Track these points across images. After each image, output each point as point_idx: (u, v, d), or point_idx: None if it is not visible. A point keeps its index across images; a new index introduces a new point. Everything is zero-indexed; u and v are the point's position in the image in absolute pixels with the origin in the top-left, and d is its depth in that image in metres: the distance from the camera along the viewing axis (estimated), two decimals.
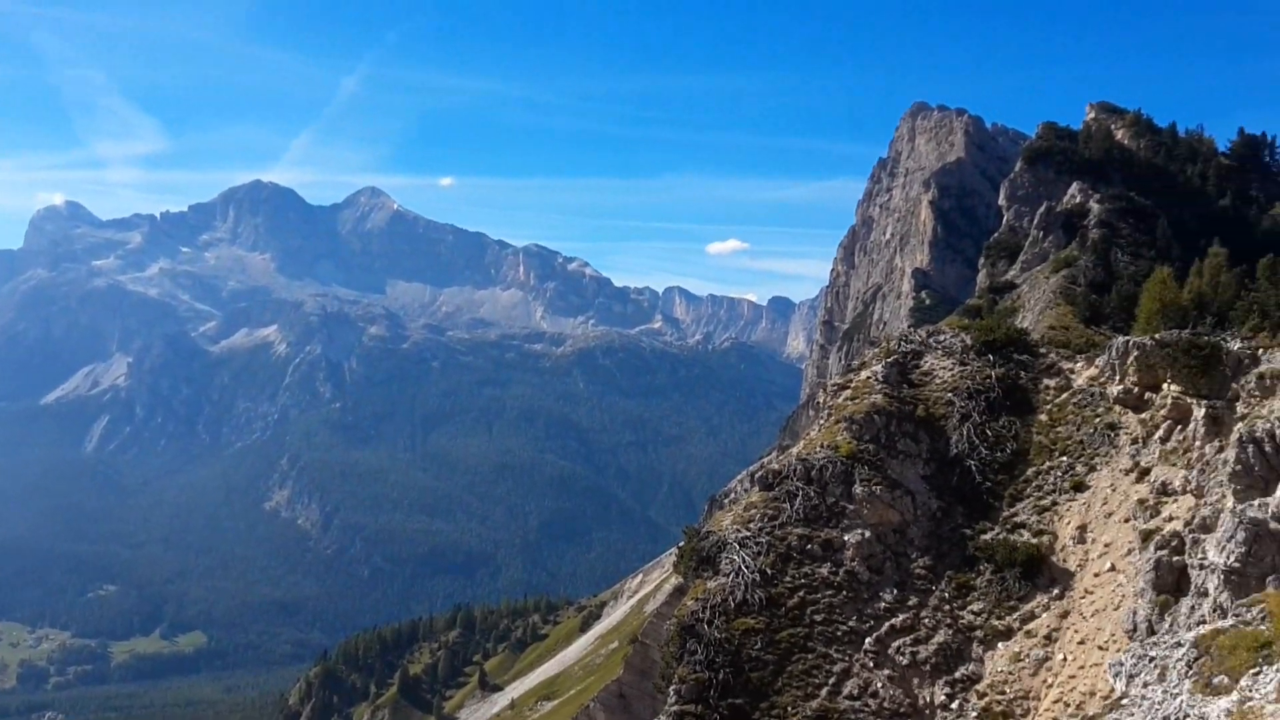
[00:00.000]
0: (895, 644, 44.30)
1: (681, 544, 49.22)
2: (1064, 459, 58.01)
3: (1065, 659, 45.75)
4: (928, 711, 42.30)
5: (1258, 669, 9.65)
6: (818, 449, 54.26)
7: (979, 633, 47.34)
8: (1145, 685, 11.31)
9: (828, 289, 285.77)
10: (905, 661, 43.20)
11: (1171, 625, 38.76)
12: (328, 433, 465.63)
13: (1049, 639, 46.82)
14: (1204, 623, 11.92)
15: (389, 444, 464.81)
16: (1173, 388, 57.06)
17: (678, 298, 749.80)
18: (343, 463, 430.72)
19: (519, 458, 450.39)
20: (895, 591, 42.53)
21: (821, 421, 60.79)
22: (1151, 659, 11.94)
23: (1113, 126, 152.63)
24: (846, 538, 45.35)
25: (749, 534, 38.55)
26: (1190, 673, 10.67)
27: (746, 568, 35.09)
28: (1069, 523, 53.76)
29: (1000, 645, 46.72)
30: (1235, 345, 54.61)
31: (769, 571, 35.57)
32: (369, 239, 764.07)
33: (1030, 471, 56.76)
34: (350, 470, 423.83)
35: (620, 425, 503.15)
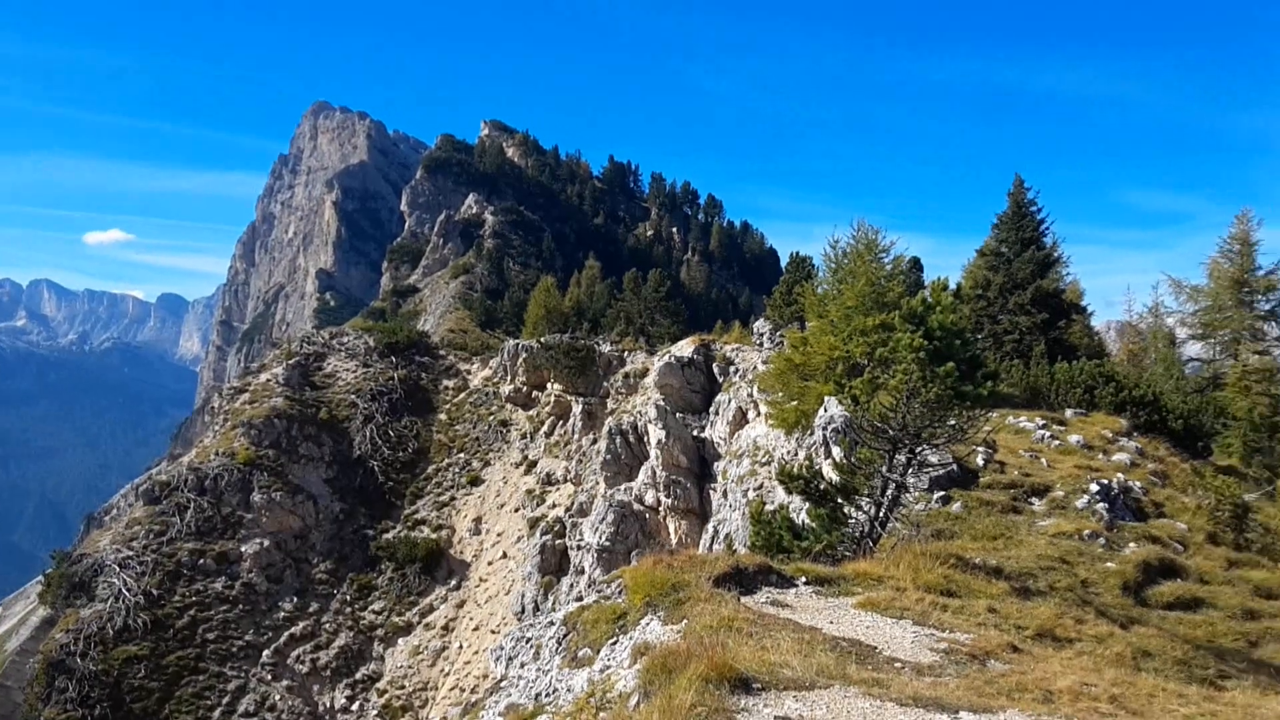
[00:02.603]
0: (295, 653, 42.84)
1: (50, 570, 43.53)
2: (462, 455, 60.66)
3: (461, 647, 48.09)
4: (328, 717, 41.81)
5: (615, 639, 10.59)
6: (212, 457, 50.78)
7: (380, 631, 47.66)
8: (522, 665, 11.96)
9: (226, 287, 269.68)
10: (305, 670, 41.96)
11: (554, 604, 42.44)
12: None
13: (447, 629, 48.85)
14: (581, 599, 12.91)
15: None
16: (555, 386, 62.87)
17: (47, 291, 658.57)
18: None
19: None
20: (296, 599, 41.13)
21: (218, 427, 57.16)
22: (528, 640, 12.67)
23: (505, 144, 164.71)
24: (244, 549, 42.94)
25: (132, 553, 34.87)
26: (560, 649, 11.46)
27: (128, 590, 31.64)
28: (466, 516, 56.44)
29: (401, 641, 47.76)
30: (606, 348, 61.66)
31: (155, 592, 32.40)
32: None
33: (431, 469, 58.17)
34: None
35: None
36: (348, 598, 50.46)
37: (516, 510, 56.13)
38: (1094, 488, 19.21)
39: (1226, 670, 13.09)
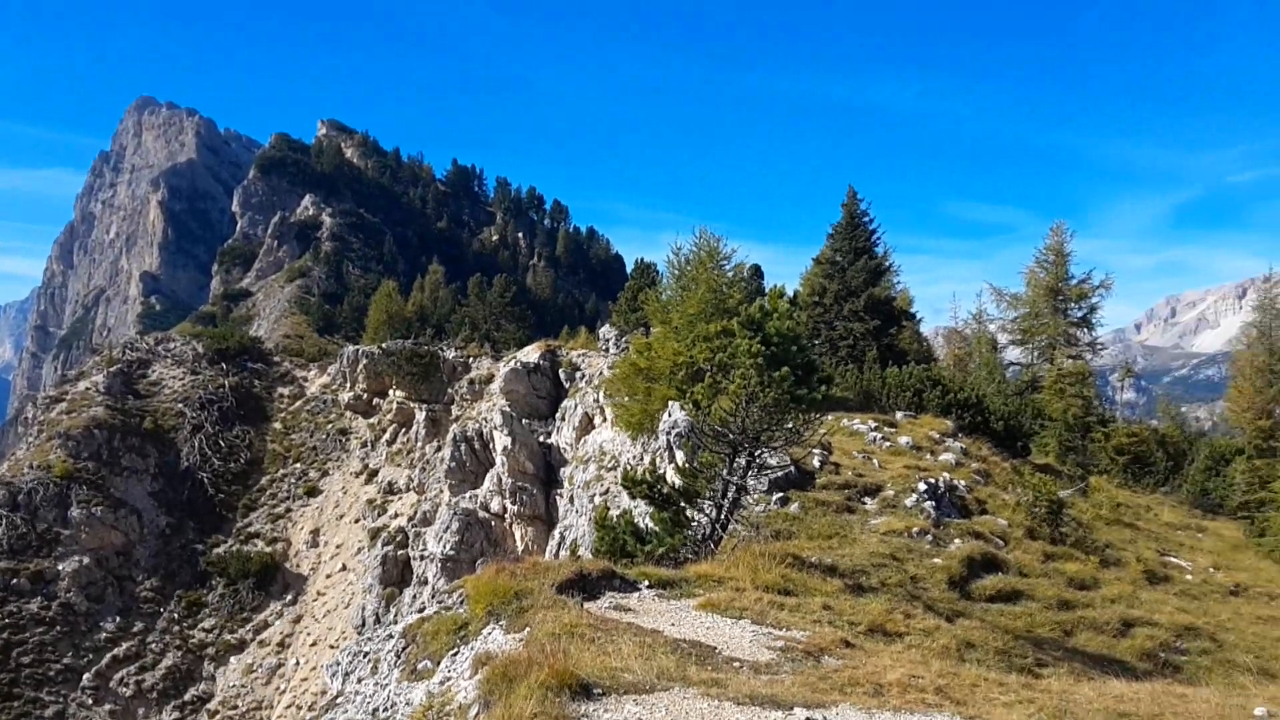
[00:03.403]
0: (118, 675, 40.68)
1: None
2: (298, 465, 58.72)
3: (298, 663, 46.47)
4: None
5: (455, 650, 10.42)
6: (26, 470, 47.74)
7: (211, 650, 45.63)
8: (360, 680, 11.61)
9: (41, 290, 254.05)
10: (130, 692, 39.89)
11: (396, 616, 41.51)
12: None
13: (283, 646, 47.13)
14: (423, 610, 12.62)
15: None
16: (398, 393, 61.59)
17: None
18: None
19: None
20: (119, 619, 39.08)
21: (32, 439, 53.67)
22: (366, 653, 12.31)
23: (343, 144, 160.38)
24: (61, 567, 40.54)
25: None
26: (399, 662, 11.19)
27: None
28: (303, 528, 54.63)
29: (233, 660, 45.80)
30: (451, 354, 60.79)
31: None
32: None
33: (265, 480, 56.21)
34: None
35: None
36: (175, 616, 48.06)
37: (357, 521, 54.71)
38: (922, 487, 20.04)
39: (1044, 658, 13.83)
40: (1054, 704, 9.18)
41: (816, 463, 21.24)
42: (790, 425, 15.18)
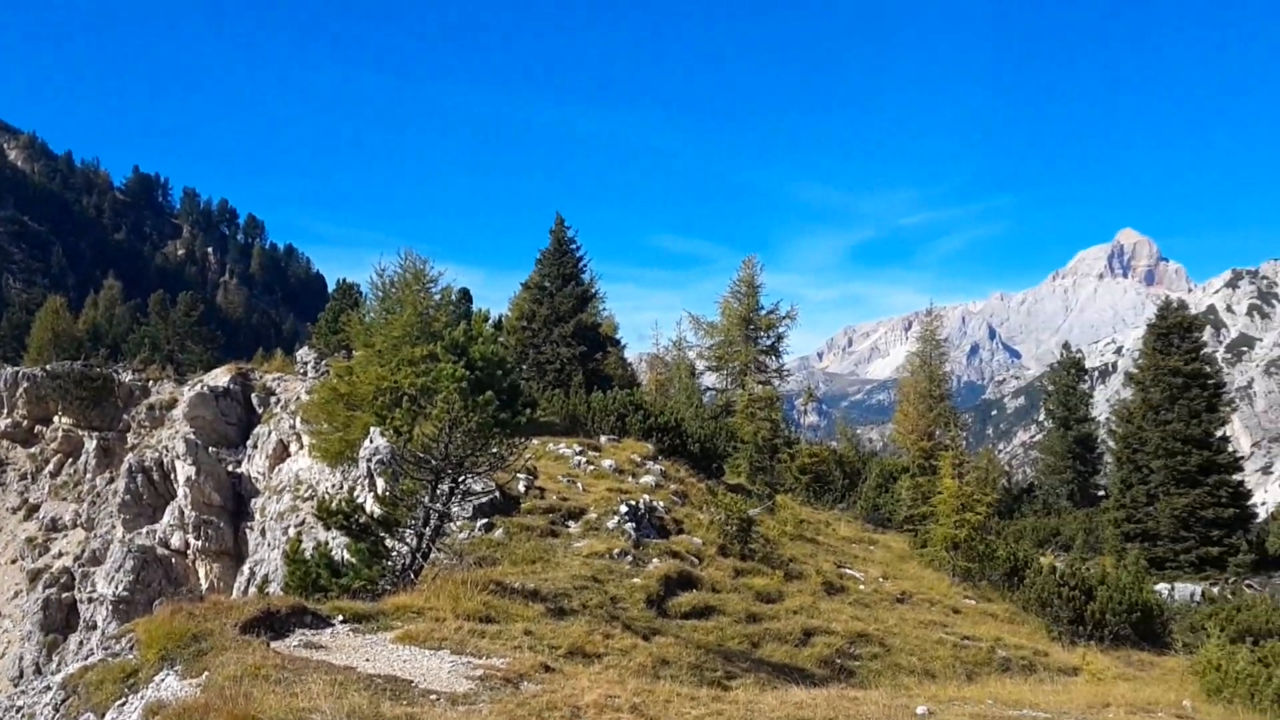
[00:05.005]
0: None
1: None
2: None
3: None
4: None
5: (124, 700, 9.56)
6: None
7: None
8: None
9: None
10: None
11: (59, 665, 37.51)
12: None
13: None
14: (90, 658, 11.47)
15: None
16: (64, 420, 55.97)
17: None
18: None
19: None
20: None
21: None
22: (19, 709, 11.03)
23: (6, 145, 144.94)
24: None
25: None
26: (58, 717, 10.08)
27: None
28: None
29: None
30: (128, 377, 56.00)
31: None
32: None
33: None
34: None
35: None
36: None
37: (14, 562, 49.20)
38: (623, 509, 20.54)
39: (733, 670, 14.50)
40: (740, 714, 9.63)
41: (522, 487, 21.28)
42: (495, 450, 15.11)
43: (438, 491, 14.85)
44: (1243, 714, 13.61)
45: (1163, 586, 27.28)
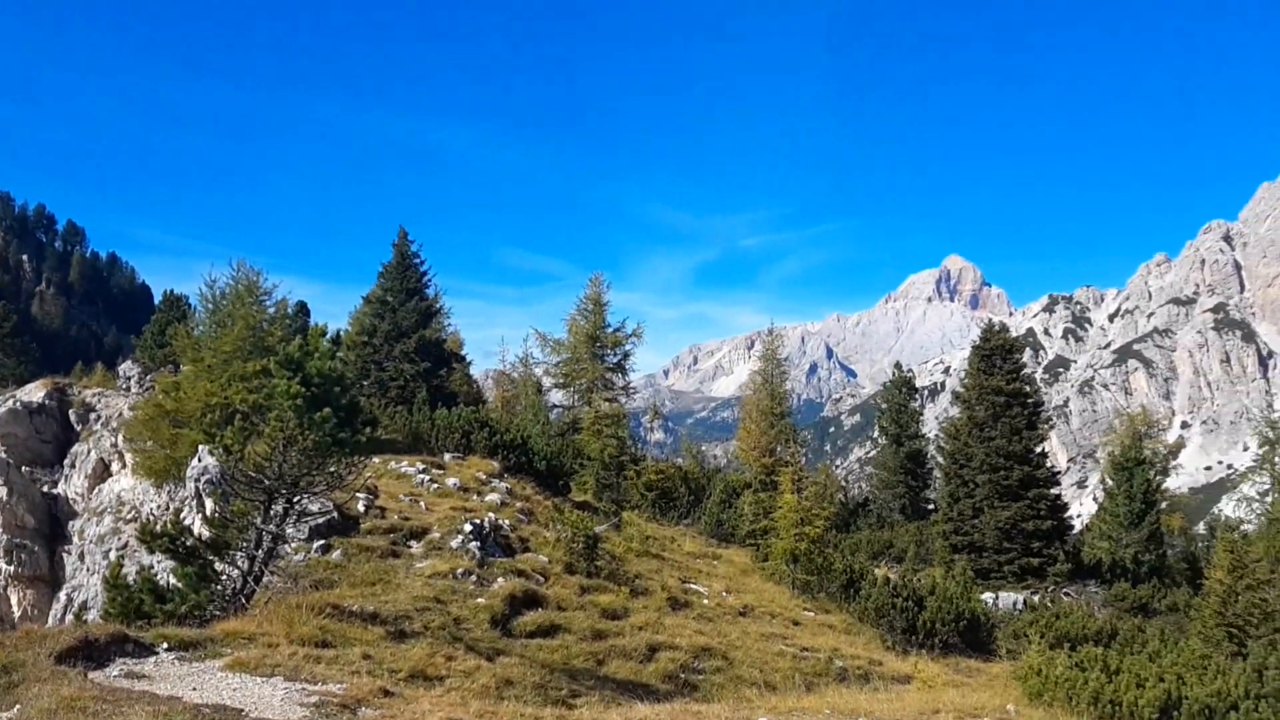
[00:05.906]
0: None
1: None
2: None
3: None
4: None
5: None
6: None
7: None
8: None
9: None
10: None
11: None
12: None
13: None
14: None
15: None
16: None
17: None
18: None
19: None
20: None
21: None
22: None
23: None
24: None
25: None
26: None
27: None
28: None
29: None
30: None
31: None
32: None
33: None
34: None
35: None
36: None
37: None
38: (468, 527, 20.21)
39: (578, 689, 14.39)
40: None
41: (361, 507, 20.69)
42: (332, 469, 14.62)
43: (271, 512, 14.26)
44: (1062, 717, 14.36)
45: (988, 596, 28.63)
